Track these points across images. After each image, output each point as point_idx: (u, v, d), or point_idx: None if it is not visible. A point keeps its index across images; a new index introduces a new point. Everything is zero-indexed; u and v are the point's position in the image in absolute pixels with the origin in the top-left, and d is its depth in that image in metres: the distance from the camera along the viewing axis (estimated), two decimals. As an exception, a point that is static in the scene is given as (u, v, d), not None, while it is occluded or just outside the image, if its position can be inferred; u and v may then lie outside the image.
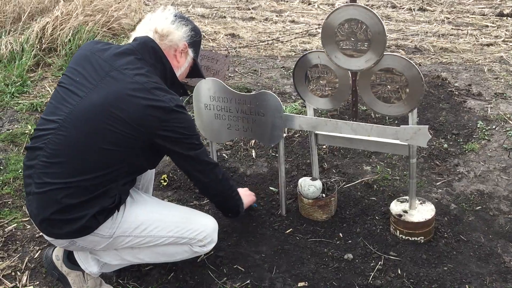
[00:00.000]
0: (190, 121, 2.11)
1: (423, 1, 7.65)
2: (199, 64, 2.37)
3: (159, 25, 2.13)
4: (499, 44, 5.10)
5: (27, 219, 2.89)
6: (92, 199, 1.99)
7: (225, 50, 4.87)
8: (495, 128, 3.41)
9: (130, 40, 2.20)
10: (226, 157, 3.39)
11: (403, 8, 7.27)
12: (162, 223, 2.18)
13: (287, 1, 8.18)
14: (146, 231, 2.15)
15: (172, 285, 2.40)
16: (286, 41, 5.37)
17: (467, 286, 2.29)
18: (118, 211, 2.10)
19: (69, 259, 2.29)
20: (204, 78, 2.51)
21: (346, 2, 7.38)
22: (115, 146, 1.98)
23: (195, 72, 2.37)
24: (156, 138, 2.01)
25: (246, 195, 2.65)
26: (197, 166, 2.20)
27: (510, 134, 3.32)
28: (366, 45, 2.34)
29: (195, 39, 2.23)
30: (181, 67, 2.22)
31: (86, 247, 2.13)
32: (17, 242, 2.73)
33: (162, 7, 2.22)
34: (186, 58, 2.24)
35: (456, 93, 3.85)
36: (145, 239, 2.16)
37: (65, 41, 4.45)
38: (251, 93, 2.67)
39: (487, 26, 6.10)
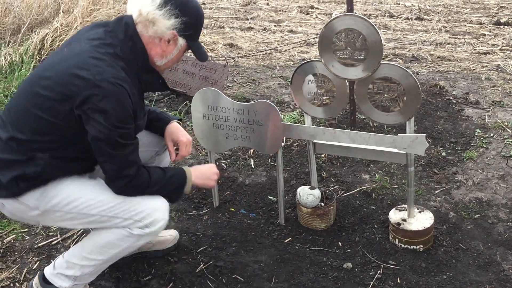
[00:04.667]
0: (117, 108, 1.89)
1: (420, 10, 7.70)
2: (198, 44, 2.16)
3: (144, 6, 1.95)
4: (496, 53, 5.13)
5: (26, 230, 2.89)
6: (17, 162, 1.96)
7: (224, 60, 4.89)
8: (493, 136, 3.42)
9: None
10: (225, 166, 3.40)
11: (400, 17, 7.32)
12: (94, 201, 2.05)
13: (285, 11, 8.24)
14: (77, 208, 2.04)
15: (171, 295, 2.40)
16: (284, 51, 5.40)
17: (466, 294, 2.29)
18: (46, 184, 2.02)
19: (44, 280, 2.26)
20: (203, 61, 2.24)
21: (344, 12, 7.43)
22: (41, 112, 1.91)
23: (196, 54, 2.18)
24: (76, 111, 1.89)
25: (203, 178, 2.35)
26: (111, 166, 2.00)
27: (508, 142, 3.33)
28: (363, 55, 2.35)
29: (189, 33, 2.04)
30: (167, 55, 2.07)
31: (14, 214, 2.10)
32: (16, 253, 2.73)
33: None
34: (176, 46, 2.06)
35: (454, 101, 3.86)
36: (75, 217, 2.06)
37: (64, 52, 4.47)
38: (250, 103, 2.68)
39: (484, 34, 6.14)
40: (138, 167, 2.05)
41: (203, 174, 2.35)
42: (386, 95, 2.40)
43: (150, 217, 2.09)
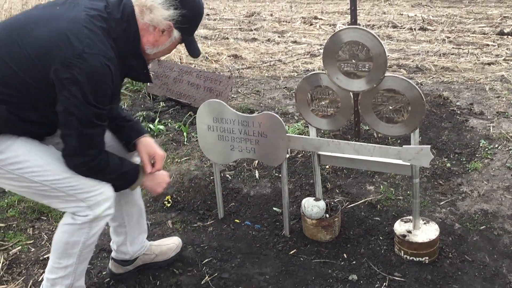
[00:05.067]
0: (97, 87, 1.83)
1: (423, 21, 7.74)
2: (192, 40, 2.11)
3: None
4: (500, 63, 5.14)
5: (31, 241, 2.90)
6: None
7: (228, 71, 4.92)
8: (498, 147, 3.41)
9: None
10: (230, 177, 3.40)
11: (404, 28, 7.36)
12: (40, 169, 1.96)
13: (289, 22, 8.29)
14: (20, 170, 1.95)
15: (176, 307, 2.39)
16: (288, 62, 5.42)
17: (473, 307, 2.27)
18: None
19: None
20: (195, 57, 2.19)
21: (348, 22, 7.47)
22: (13, 64, 1.83)
23: (189, 50, 2.13)
24: (53, 76, 1.81)
25: (152, 182, 2.30)
26: (75, 142, 1.92)
27: (513, 153, 3.33)
28: (367, 67, 2.36)
29: (185, 26, 1.99)
30: (159, 45, 2.01)
31: None
32: (22, 265, 2.73)
33: None
34: (169, 38, 2.01)
35: (458, 112, 3.86)
36: (17, 179, 1.97)
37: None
38: (254, 115, 2.69)
39: (487, 45, 6.16)
40: (101, 150, 2.00)
41: (154, 178, 2.29)
42: (390, 107, 2.41)
43: (94, 199, 2.03)
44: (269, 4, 10.39)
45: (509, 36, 6.56)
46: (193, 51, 2.13)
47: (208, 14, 9.30)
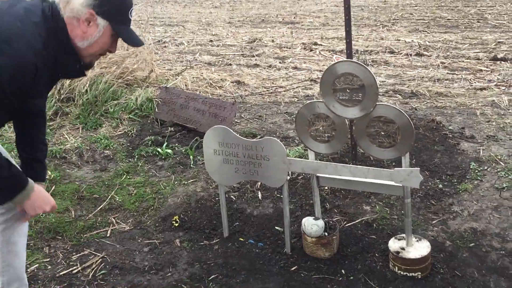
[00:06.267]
0: (17, 73, 1.82)
1: (420, 46, 8.00)
2: (126, 29, 2.05)
3: None
4: (492, 88, 5.37)
5: (47, 259, 3.08)
6: None
7: (232, 98, 5.16)
8: (487, 169, 3.61)
9: None
10: (234, 198, 3.59)
11: (400, 54, 7.62)
12: None
13: (289, 48, 8.57)
14: None
15: (185, 320, 2.56)
16: (288, 89, 5.67)
17: (462, 318, 2.44)
18: None
19: None
20: (135, 46, 2.15)
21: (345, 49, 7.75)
22: None
23: (125, 40, 2.09)
24: None
25: (40, 199, 2.17)
26: None
27: (501, 175, 3.52)
28: (360, 96, 2.58)
29: (107, 8, 1.95)
30: (88, 37, 1.97)
31: None
32: (39, 281, 2.91)
33: None
34: (97, 28, 1.96)
35: (450, 135, 4.07)
36: None
37: (82, 91, 4.76)
38: (257, 139, 2.90)
39: (481, 70, 6.40)
40: None
41: (44, 197, 2.18)
42: (382, 133, 2.62)
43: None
44: (270, 30, 10.70)
45: (502, 62, 6.80)
46: (131, 41, 2.09)
47: (211, 40, 9.60)
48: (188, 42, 9.38)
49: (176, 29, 11.19)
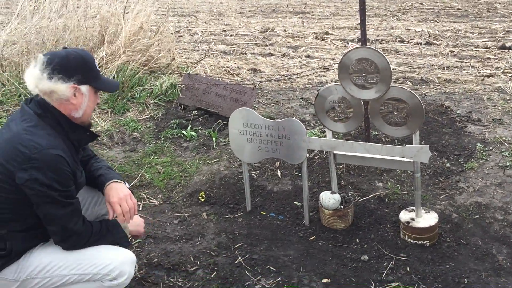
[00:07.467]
0: (54, 173, 2.07)
1: (429, 36, 8.19)
2: (101, 82, 2.30)
3: (38, 83, 2.15)
4: (499, 75, 5.57)
5: None
6: None
7: (251, 83, 5.42)
8: (492, 149, 3.85)
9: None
10: (255, 176, 3.87)
11: (411, 43, 7.81)
12: (64, 262, 2.22)
13: (301, 37, 8.79)
14: (50, 271, 2.21)
15: (215, 282, 2.83)
16: (303, 76, 5.91)
17: (466, 280, 2.70)
18: (19, 258, 2.22)
19: None
20: (114, 91, 2.44)
21: (357, 38, 7.95)
22: None
23: (106, 90, 2.36)
24: (19, 183, 2.05)
25: (135, 227, 2.59)
26: (55, 228, 2.17)
27: (505, 155, 3.76)
28: (375, 79, 2.84)
29: (81, 75, 2.19)
30: (80, 106, 2.23)
31: None
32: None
33: (33, 61, 2.22)
34: (83, 95, 2.22)
35: (458, 119, 4.31)
36: (51, 279, 2.23)
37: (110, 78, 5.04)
38: (279, 120, 3.17)
39: (489, 58, 6.59)
40: (83, 221, 2.25)
41: (133, 223, 2.51)
42: (395, 112, 2.87)
43: (117, 270, 2.26)
44: (282, 20, 10.90)
45: (510, 50, 6.98)
46: (111, 89, 2.39)
47: (224, 30, 9.82)
48: (202, 32, 9.62)
49: (188, 19, 11.42)
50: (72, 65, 2.17)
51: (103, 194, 2.46)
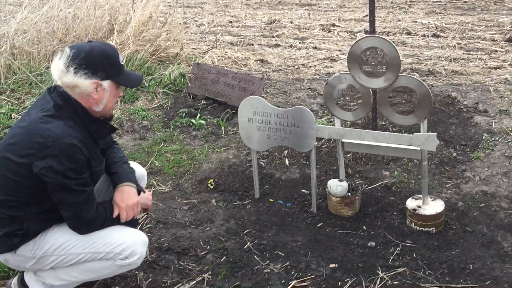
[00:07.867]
0: (68, 162, 2.13)
1: (436, 28, 8.19)
2: (123, 77, 2.35)
3: (62, 77, 2.21)
4: (506, 67, 5.59)
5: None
6: (2, 220, 2.26)
7: (260, 73, 5.46)
8: (498, 139, 3.89)
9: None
10: (263, 164, 3.92)
11: (417, 35, 7.81)
12: (79, 241, 2.31)
13: (308, 29, 8.80)
14: (65, 249, 2.31)
15: (224, 266, 2.89)
16: (310, 66, 5.94)
17: (471, 266, 2.75)
18: (36, 236, 2.31)
19: (22, 283, 2.51)
20: (135, 86, 2.51)
21: (364, 29, 7.96)
22: (10, 173, 2.18)
23: (128, 85, 2.42)
24: (35, 170, 2.13)
25: (144, 198, 2.66)
26: (70, 214, 2.25)
27: (511, 145, 3.80)
28: (384, 68, 2.88)
29: (105, 72, 2.25)
30: (102, 100, 2.29)
31: (19, 265, 2.39)
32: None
33: (59, 53, 2.28)
34: (104, 90, 2.28)
35: (465, 110, 4.34)
36: (66, 257, 2.32)
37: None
38: (288, 108, 3.21)
39: (496, 51, 6.60)
40: (96, 209, 2.31)
41: (142, 197, 2.60)
42: (403, 101, 2.92)
43: (129, 249, 2.35)
44: (288, 12, 10.89)
45: (517, 43, 6.98)
46: (132, 84, 2.43)
47: (231, 21, 9.84)
48: (208, 23, 9.64)
49: (194, 10, 11.44)
50: (96, 60, 2.23)
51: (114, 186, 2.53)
